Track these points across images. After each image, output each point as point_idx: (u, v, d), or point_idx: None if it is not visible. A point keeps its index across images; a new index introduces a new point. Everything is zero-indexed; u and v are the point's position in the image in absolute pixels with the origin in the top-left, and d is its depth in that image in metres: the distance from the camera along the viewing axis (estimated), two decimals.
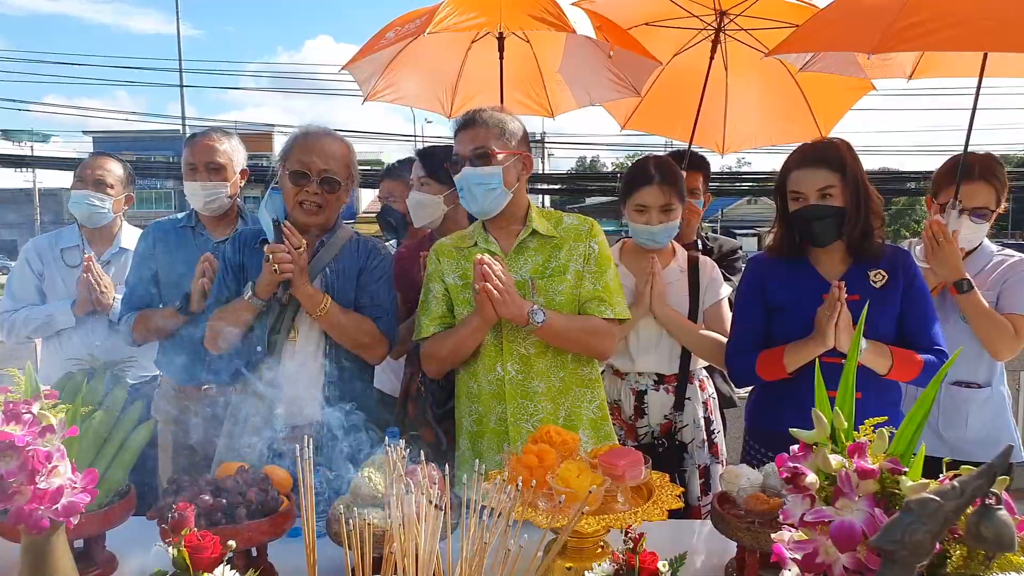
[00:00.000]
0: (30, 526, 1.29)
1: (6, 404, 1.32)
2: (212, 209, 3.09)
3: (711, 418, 2.94)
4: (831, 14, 2.68)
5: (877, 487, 0.94)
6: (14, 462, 1.27)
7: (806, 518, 0.95)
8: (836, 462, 0.97)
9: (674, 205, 2.78)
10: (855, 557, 0.92)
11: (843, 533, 0.91)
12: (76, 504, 1.34)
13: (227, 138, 3.17)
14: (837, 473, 0.96)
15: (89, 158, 3.50)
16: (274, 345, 2.53)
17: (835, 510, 0.94)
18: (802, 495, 0.98)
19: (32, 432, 1.30)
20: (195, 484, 1.93)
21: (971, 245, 2.89)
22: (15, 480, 1.26)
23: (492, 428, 2.44)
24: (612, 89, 3.64)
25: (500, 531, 1.11)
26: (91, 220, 3.42)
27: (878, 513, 0.91)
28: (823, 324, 2.31)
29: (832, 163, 2.35)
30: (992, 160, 2.87)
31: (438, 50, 3.68)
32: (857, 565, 0.92)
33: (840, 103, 3.84)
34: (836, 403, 1.05)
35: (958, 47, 2.50)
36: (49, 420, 1.35)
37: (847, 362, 1.09)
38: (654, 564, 1.36)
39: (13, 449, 1.28)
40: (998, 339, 2.78)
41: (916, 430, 0.99)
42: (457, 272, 2.49)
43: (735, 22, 3.65)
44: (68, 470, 1.35)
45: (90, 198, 3.36)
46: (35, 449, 1.29)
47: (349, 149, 2.61)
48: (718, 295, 2.91)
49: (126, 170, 3.50)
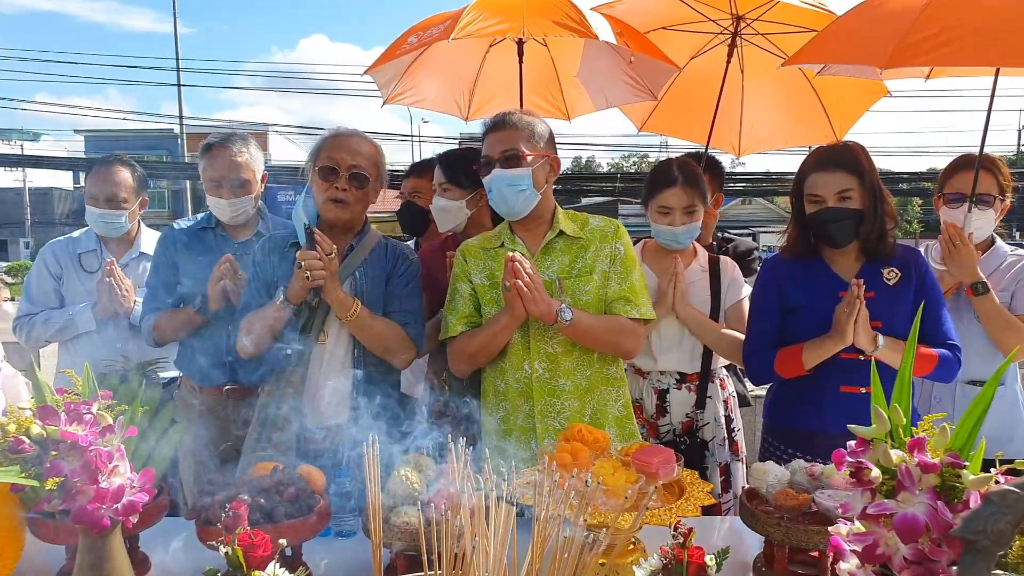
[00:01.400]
0: (92, 525, 1.31)
1: (67, 404, 1.35)
2: (238, 220, 3.11)
3: (731, 416, 2.98)
4: (846, 24, 2.71)
5: (937, 481, 0.97)
6: (77, 462, 1.30)
7: (869, 511, 0.98)
8: (897, 457, 1.00)
9: (697, 206, 2.82)
10: (916, 548, 0.95)
11: (907, 525, 0.94)
12: (135, 503, 1.37)
13: (246, 146, 3.14)
14: (897, 467, 0.99)
15: (98, 169, 3.41)
16: (304, 348, 2.55)
17: (897, 503, 0.97)
18: (862, 489, 1.01)
19: (93, 432, 1.33)
20: (232, 484, 1.96)
21: (981, 233, 2.93)
22: (79, 480, 1.29)
23: (519, 426, 2.48)
24: (629, 93, 3.68)
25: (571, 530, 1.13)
26: (109, 234, 3.43)
27: (940, 506, 0.94)
28: (842, 321, 2.35)
29: (850, 167, 2.40)
30: (990, 154, 2.94)
31: (457, 54, 3.72)
32: (917, 556, 0.96)
33: (855, 107, 3.88)
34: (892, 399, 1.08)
35: (968, 62, 2.53)
36: (107, 420, 1.38)
37: (904, 359, 1.11)
38: (702, 558, 1.39)
39: (76, 449, 1.30)
40: (1012, 340, 2.82)
41: (974, 425, 1.03)
42: (484, 272, 2.52)
43: (752, 27, 3.69)
44: (127, 469, 1.38)
45: (105, 217, 3.36)
46: (97, 449, 1.32)
47: (378, 149, 2.64)
48: (739, 295, 2.95)
49: (135, 175, 3.45)
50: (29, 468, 1.27)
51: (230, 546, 1.46)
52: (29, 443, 1.27)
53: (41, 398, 1.39)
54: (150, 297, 3.14)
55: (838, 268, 2.54)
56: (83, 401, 1.37)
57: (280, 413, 2.55)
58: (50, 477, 1.26)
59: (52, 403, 1.36)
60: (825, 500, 1.90)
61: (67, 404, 1.34)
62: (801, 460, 2.09)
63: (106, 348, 3.34)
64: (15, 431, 1.27)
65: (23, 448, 1.26)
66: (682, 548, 1.37)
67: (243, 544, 1.48)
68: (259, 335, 2.54)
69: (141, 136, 41.94)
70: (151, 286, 3.15)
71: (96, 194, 3.35)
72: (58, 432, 1.28)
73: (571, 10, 3.03)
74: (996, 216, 2.93)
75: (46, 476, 1.26)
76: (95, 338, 3.37)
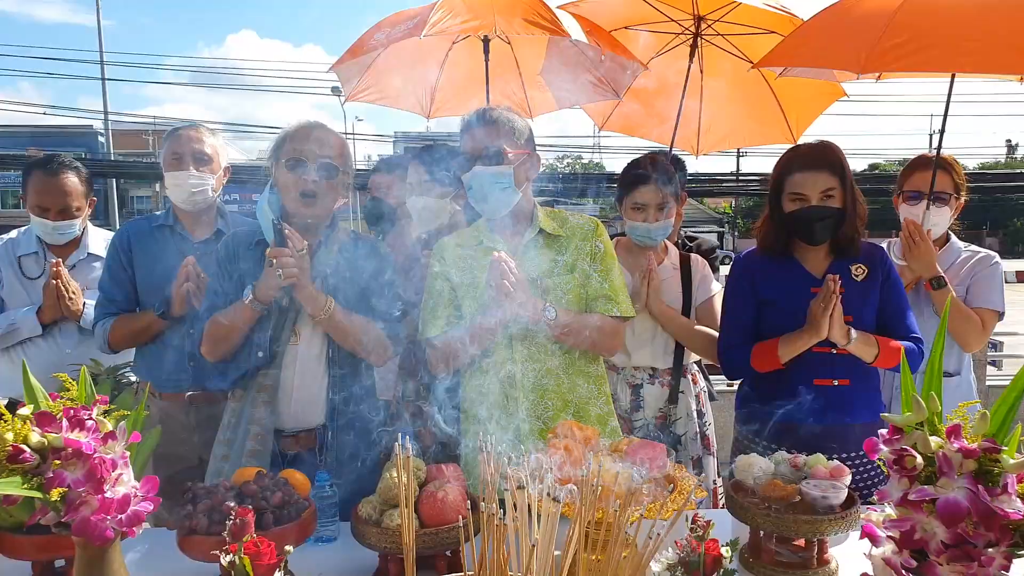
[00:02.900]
0: (95, 537, 1.24)
1: (66, 410, 1.27)
2: (196, 202, 2.98)
3: (703, 411, 3.03)
4: (815, 28, 2.77)
5: (975, 466, 1.00)
6: (80, 471, 1.23)
7: (911, 497, 1.00)
8: (935, 443, 1.03)
9: (670, 203, 2.85)
10: (954, 531, 0.98)
11: (949, 509, 0.97)
12: (140, 513, 1.30)
13: (211, 133, 3.09)
14: (935, 454, 1.02)
15: (44, 178, 3.17)
16: (276, 349, 2.48)
17: (937, 488, 1.00)
18: (900, 475, 1.04)
19: (96, 439, 1.26)
20: (215, 491, 1.89)
21: (937, 229, 3.05)
22: (84, 490, 1.22)
23: (503, 425, 2.46)
24: (593, 91, 3.70)
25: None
26: (60, 241, 3.25)
27: (981, 490, 0.97)
28: (818, 316, 2.41)
29: (834, 167, 2.46)
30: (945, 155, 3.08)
31: (419, 52, 3.67)
32: (955, 539, 0.98)
33: (812, 108, 3.99)
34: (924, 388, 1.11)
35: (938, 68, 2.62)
36: (106, 426, 1.31)
37: (933, 350, 1.15)
38: (718, 550, 1.40)
39: (79, 457, 1.23)
40: (968, 332, 2.95)
41: (1009, 411, 1.06)
42: (463, 270, 2.49)
43: (712, 27, 3.75)
44: (131, 478, 1.31)
45: (59, 229, 3.18)
46: (101, 457, 1.25)
47: (343, 140, 2.58)
48: (709, 291, 3.00)
49: (82, 176, 3.27)
50: (30, 479, 1.19)
51: (236, 555, 1.40)
52: (30, 452, 1.19)
53: (34, 403, 1.31)
54: (104, 300, 3.00)
55: (809, 265, 2.60)
56: (82, 406, 1.30)
57: (253, 417, 2.47)
58: (53, 487, 1.19)
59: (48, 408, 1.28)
60: (811, 490, 1.95)
61: (66, 410, 1.26)
62: (784, 452, 2.13)
63: (53, 354, 3.19)
64: (13, 439, 1.19)
65: (24, 457, 1.18)
66: (700, 540, 1.37)
67: (250, 552, 1.43)
68: (227, 337, 2.46)
69: (59, 132, 40.06)
70: (105, 288, 3.01)
71: (46, 206, 3.16)
72: (61, 439, 1.21)
73: (542, 8, 3.03)
74: (951, 213, 3.06)
75: (49, 486, 1.19)
76: (41, 344, 3.21)
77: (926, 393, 1.08)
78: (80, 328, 3.20)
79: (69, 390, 1.34)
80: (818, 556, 1.96)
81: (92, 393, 1.36)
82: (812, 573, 1.93)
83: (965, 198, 3.11)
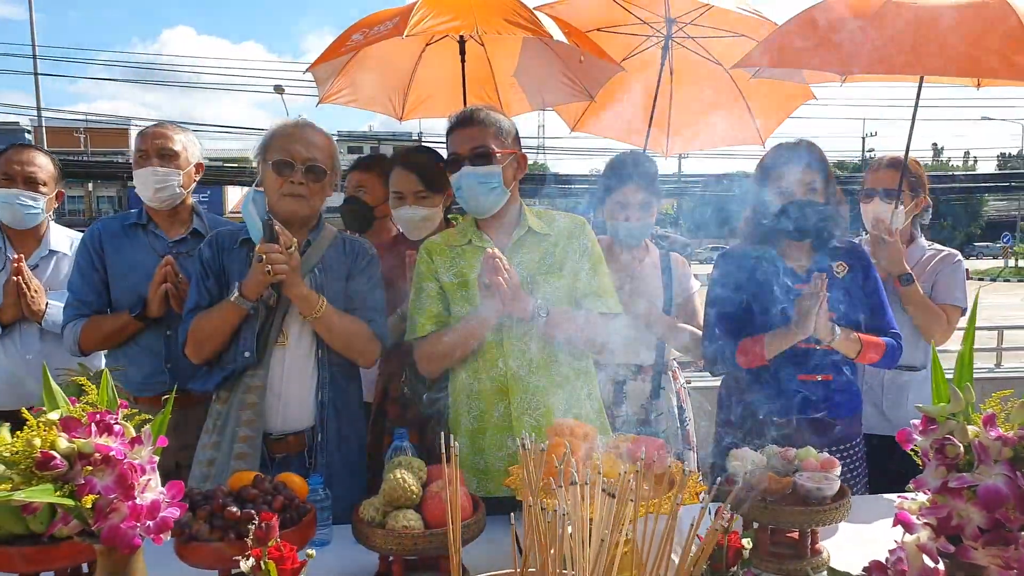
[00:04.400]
0: (124, 545, 1.21)
1: (91, 414, 1.23)
2: (162, 199, 2.92)
3: (683, 406, 3.09)
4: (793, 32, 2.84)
5: (1011, 453, 1.05)
6: (109, 477, 1.19)
7: (951, 484, 1.05)
8: (972, 432, 1.08)
9: (651, 202, 2.90)
10: (992, 517, 1.03)
11: (991, 495, 1.02)
12: (168, 520, 1.27)
13: (181, 131, 3.04)
14: (972, 442, 1.07)
15: (11, 151, 3.16)
16: (264, 350, 2.45)
17: (975, 475, 1.05)
18: (938, 464, 1.08)
19: (124, 444, 1.23)
20: (213, 496, 1.85)
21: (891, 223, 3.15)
22: (115, 496, 1.18)
23: (495, 424, 2.46)
24: (566, 93, 3.73)
25: None
26: (21, 222, 3.13)
27: (1019, 476, 1.02)
28: (806, 313, 2.48)
29: (815, 162, 2.54)
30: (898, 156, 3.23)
31: (392, 53, 3.66)
32: (992, 524, 1.03)
33: (780, 110, 4.10)
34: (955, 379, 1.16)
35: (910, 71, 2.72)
36: (130, 431, 1.28)
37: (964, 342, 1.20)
38: (739, 542, 1.44)
39: (108, 463, 1.20)
40: (934, 327, 3.07)
41: None
42: (452, 270, 2.49)
43: (684, 30, 3.82)
44: (158, 483, 1.28)
45: (21, 197, 3.07)
46: (130, 462, 1.22)
47: (331, 141, 2.56)
48: (689, 289, 3.06)
49: (55, 164, 3.23)
50: (61, 486, 1.15)
51: (262, 559, 1.38)
52: (60, 458, 1.15)
53: (54, 406, 1.26)
54: (74, 301, 2.90)
55: (791, 262, 2.67)
56: (106, 410, 1.26)
57: (240, 420, 2.43)
58: (85, 494, 1.15)
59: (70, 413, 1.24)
60: (805, 482, 2.01)
61: (91, 414, 1.22)
62: (774, 446, 2.19)
63: (12, 358, 3.08)
64: (41, 445, 1.15)
65: (55, 464, 1.14)
66: (724, 533, 1.41)
67: (273, 557, 1.41)
68: (212, 337, 2.42)
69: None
70: (75, 289, 2.92)
71: (12, 174, 3.07)
72: (91, 445, 1.17)
73: (521, 9, 3.05)
74: (909, 211, 3.18)
75: (81, 493, 1.15)
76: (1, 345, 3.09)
77: (959, 384, 1.13)
78: (42, 330, 3.09)
79: (88, 394, 1.30)
80: (811, 547, 2.03)
81: (115, 397, 1.32)
82: (805, 563, 1.99)
83: (924, 196, 3.24)
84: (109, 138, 46.70)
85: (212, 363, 2.50)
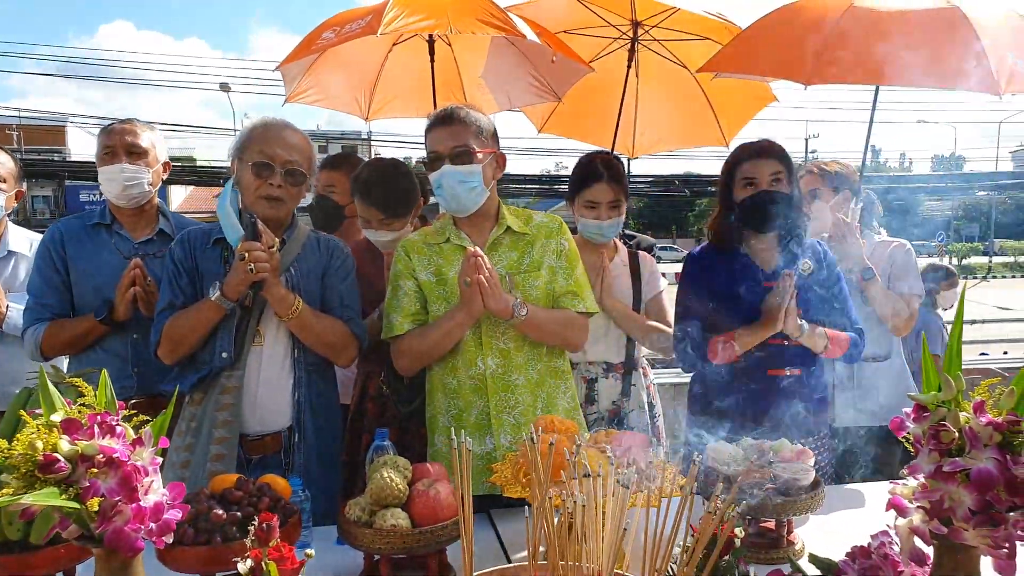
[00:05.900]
0: (127, 549, 1.19)
1: (91, 416, 1.21)
2: (130, 196, 2.85)
3: (653, 403, 3.14)
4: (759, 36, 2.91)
5: (1000, 438, 1.11)
6: (113, 479, 1.17)
7: (945, 469, 1.10)
8: (963, 418, 1.13)
9: (621, 201, 2.95)
10: (983, 499, 1.09)
11: (983, 478, 1.08)
12: (170, 522, 1.26)
13: (148, 128, 2.97)
14: (963, 428, 1.12)
15: None
16: (240, 350, 2.42)
17: (967, 460, 1.10)
18: (931, 450, 1.14)
19: (127, 445, 1.21)
20: (196, 499, 1.82)
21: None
22: (119, 499, 1.16)
23: (473, 422, 2.47)
24: (533, 93, 3.76)
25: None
26: None
27: (1009, 459, 1.08)
28: (774, 311, 2.55)
29: (779, 156, 2.63)
30: None
31: (359, 53, 3.63)
32: (982, 505, 1.09)
33: (743, 112, 4.19)
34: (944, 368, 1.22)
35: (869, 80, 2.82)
36: (130, 433, 1.26)
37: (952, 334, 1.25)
38: (733, 532, 1.48)
39: (111, 465, 1.18)
40: (897, 318, 3.18)
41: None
42: (430, 268, 2.50)
43: (649, 33, 3.88)
44: (161, 485, 1.26)
45: None
46: (134, 464, 1.20)
47: (309, 142, 2.54)
48: (658, 288, 3.12)
49: (16, 162, 3.13)
50: (65, 489, 1.13)
51: (263, 560, 1.37)
52: (64, 461, 1.13)
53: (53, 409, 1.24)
54: (35, 304, 2.81)
55: (759, 260, 2.74)
56: (106, 412, 1.24)
57: (217, 421, 2.40)
58: (90, 497, 1.13)
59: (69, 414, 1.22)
60: (783, 472, 2.08)
61: (91, 416, 1.20)
62: (749, 438, 2.25)
63: None
64: (43, 447, 1.13)
65: (59, 467, 1.12)
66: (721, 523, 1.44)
67: (273, 557, 1.40)
68: (188, 338, 2.38)
69: None
70: (36, 291, 2.82)
71: None
72: (94, 447, 1.15)
73: (494, 8, 3.06)
74: (835, 206, 3.28)
75: (85, 496, 1.13)
76: None
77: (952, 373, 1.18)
78: (2, 332, 2.99)
79: (85, 395, 1.27)
80: (786, 536, 2.10)
81: (112, 398, 1.30)
82: (782, 552, 2.06)
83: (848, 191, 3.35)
84: (43, 136, 45.05)
85: (184, 364, 2.46)
